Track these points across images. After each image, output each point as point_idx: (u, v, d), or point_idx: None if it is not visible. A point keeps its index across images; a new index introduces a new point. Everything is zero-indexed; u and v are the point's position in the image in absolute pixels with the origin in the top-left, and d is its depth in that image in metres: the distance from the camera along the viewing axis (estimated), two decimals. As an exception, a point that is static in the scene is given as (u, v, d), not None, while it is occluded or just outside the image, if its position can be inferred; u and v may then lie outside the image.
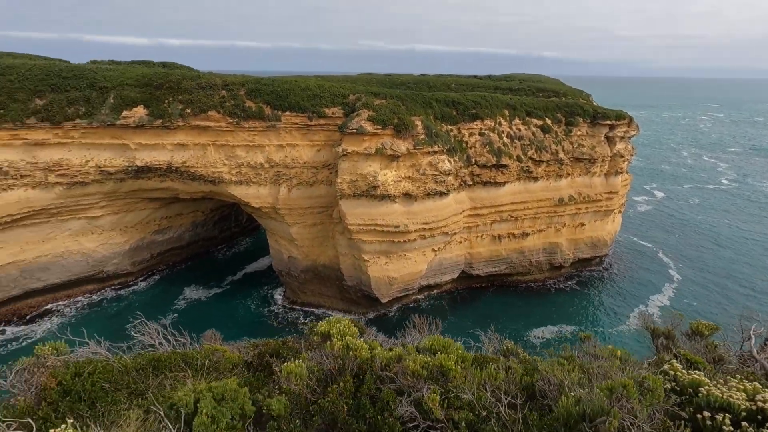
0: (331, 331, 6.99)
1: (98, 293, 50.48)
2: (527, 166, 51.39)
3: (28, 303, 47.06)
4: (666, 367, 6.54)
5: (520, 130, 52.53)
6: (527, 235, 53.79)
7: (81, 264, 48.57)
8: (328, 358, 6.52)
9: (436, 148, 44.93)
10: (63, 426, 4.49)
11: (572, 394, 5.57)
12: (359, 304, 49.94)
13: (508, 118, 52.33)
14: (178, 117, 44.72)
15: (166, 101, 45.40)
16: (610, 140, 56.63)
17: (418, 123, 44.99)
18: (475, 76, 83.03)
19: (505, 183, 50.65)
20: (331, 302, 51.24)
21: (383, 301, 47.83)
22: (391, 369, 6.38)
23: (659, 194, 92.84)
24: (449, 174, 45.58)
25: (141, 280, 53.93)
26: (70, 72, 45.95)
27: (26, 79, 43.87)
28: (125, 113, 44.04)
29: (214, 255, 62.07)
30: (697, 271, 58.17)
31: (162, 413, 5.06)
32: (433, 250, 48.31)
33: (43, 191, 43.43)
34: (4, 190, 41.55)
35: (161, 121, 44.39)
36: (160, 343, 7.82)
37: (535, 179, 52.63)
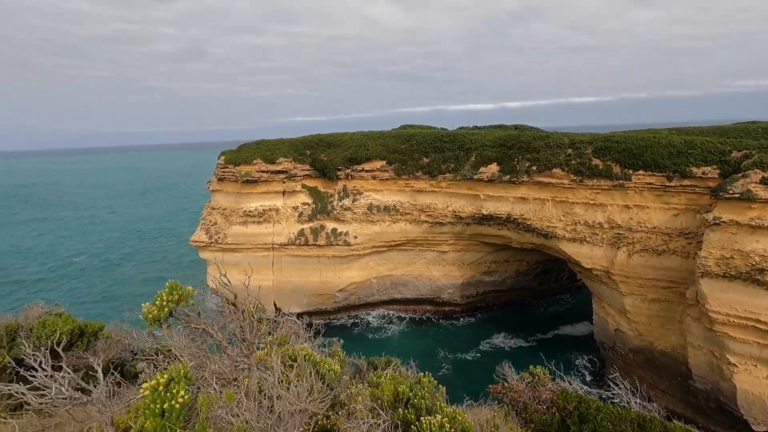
0: None
1: (430, 314, 60.67)
2: None
3: (388, 307, 61.95)
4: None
5: None
6: None
7: (427, 287, 60.00)
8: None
9: None
10: None
11: None
12: (710, 417, 38.21)
13: None
14: (523, 173, 48.99)
15: (516, 159, 50.67)
16: None
17: None
18: None
19: None
20: (666, 400, 41.59)
21: (754, 428, 34.61)
22: None
23: None
24: None
25: (463, 316, 60.66)
26: (447, 137, 58.85)
27: (420, 143, 59.27)
28: (482, 169, 52.13)
29: (530, 307, 62.77)
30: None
31: None
32: None
33: (415, 226, 56.80)
34: (394, 222, 57.06)
35: (509, 176, 49.82)
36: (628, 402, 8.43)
37: None
